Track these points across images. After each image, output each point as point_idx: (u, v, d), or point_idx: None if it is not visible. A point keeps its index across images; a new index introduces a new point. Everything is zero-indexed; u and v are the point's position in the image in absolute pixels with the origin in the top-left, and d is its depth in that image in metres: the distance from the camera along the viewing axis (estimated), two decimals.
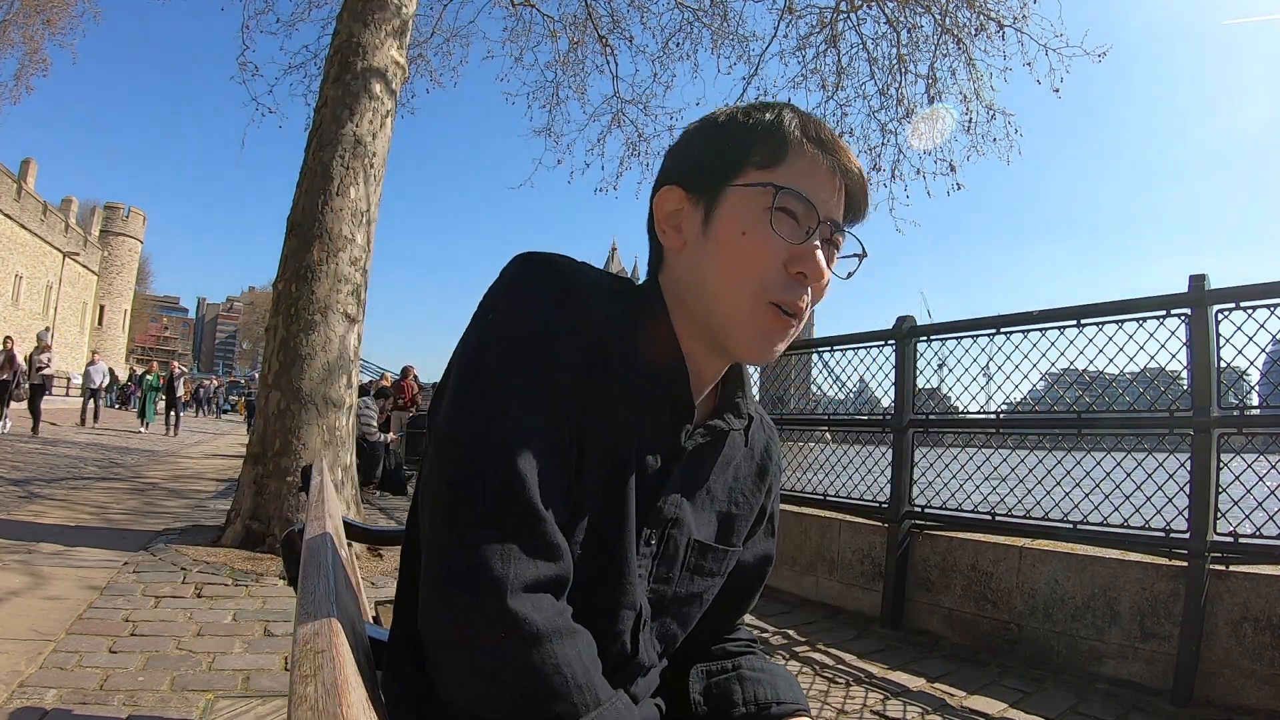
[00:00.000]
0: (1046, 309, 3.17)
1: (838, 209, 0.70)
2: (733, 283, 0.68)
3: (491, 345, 0.63)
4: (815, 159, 0.69)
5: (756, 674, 0.82)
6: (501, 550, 0.56)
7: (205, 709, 2.12)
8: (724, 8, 8.22)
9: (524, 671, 0.54)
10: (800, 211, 0.67)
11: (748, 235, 0.67)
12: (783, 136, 0.69)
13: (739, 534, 0.81)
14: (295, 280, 4.36)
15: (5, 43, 10.68)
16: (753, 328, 0.68)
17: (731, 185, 0.69)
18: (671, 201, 0.73)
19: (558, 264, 0.68)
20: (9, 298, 32.43)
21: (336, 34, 4.83)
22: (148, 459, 9.71)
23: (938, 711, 2.45)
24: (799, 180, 0.68)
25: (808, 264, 0.67)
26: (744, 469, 0.81)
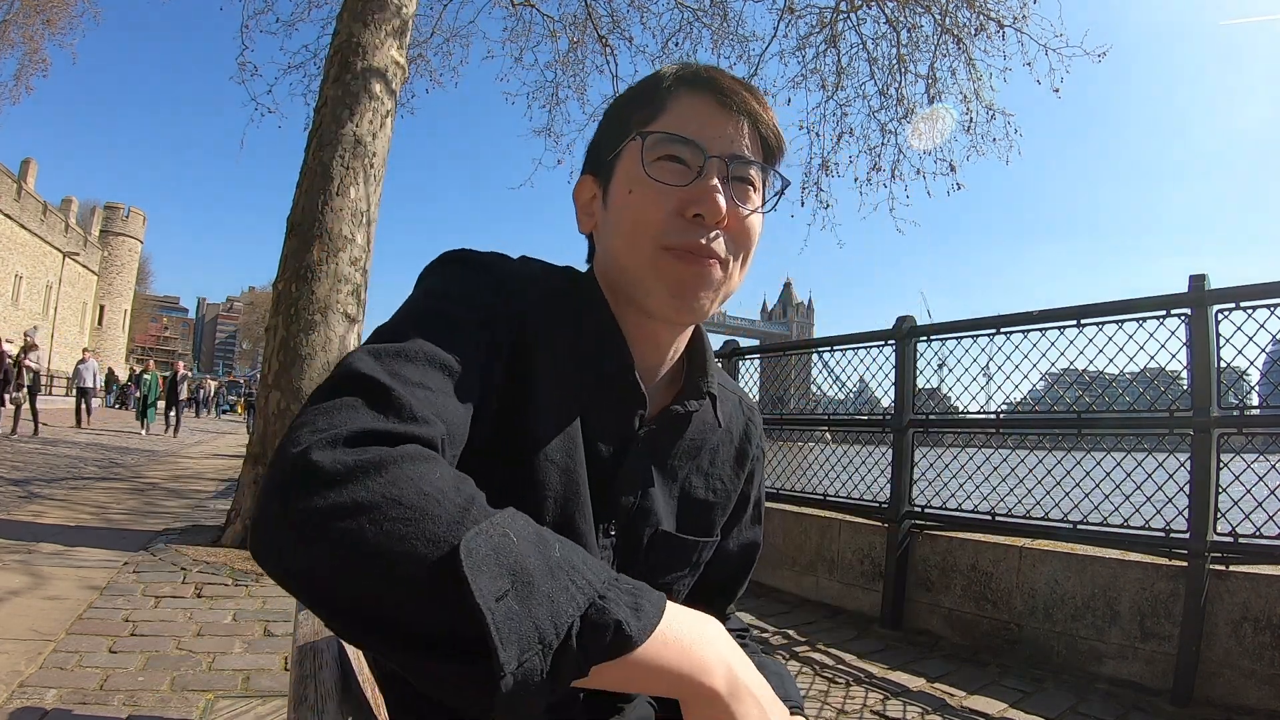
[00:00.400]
0: (1046, 309, 3.17)
1: (739, 143, 0.67)
2: (629, 240, 0.66)
3: (412, 313, 0.60)
4: (697, 100, 0.67)
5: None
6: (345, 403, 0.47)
7: (205, 709, 2.12)
8: (724, 8, 8.23)
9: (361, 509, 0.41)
10: (686, 154, 0.65)
11: (634, 191, 0.66)
12: (656, 89, 0.68)
13: (716, 522, 0.78)
14: (295, 280, 4.36)
15: (5, 43, 10.68)
16: (658, 279, 0.65)
17: (620, 147, 0.68)
18: (585, 190, 0.73)
19: (482, 257, 0.67)
20: (9, 298, 32.42)
21: (336, 34, 4.83)
22: (148, 459, 9.71)
23: (938, 711, 2.45)
24: (679, 124, 0.66)
25: (703, 204, 0.64)
26: (722, 453, 0.78)
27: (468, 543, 0.40)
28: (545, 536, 0.45)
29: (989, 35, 7.13)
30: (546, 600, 0.41)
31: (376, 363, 0.52)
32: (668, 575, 0.74)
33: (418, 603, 0.40)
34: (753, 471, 0.82)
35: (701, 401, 0.73)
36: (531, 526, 0.45)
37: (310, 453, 0.43)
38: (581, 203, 0.74)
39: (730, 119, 0.67)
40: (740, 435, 0.81)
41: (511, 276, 0.66)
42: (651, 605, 0.45)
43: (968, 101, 7.50)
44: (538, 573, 0.42)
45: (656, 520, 0.71)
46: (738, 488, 0.80)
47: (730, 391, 0.82)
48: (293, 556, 0.42)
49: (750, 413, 0.84)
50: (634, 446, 0.69)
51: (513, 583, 0.40)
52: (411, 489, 0.42)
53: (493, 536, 0.42)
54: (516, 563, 0.41)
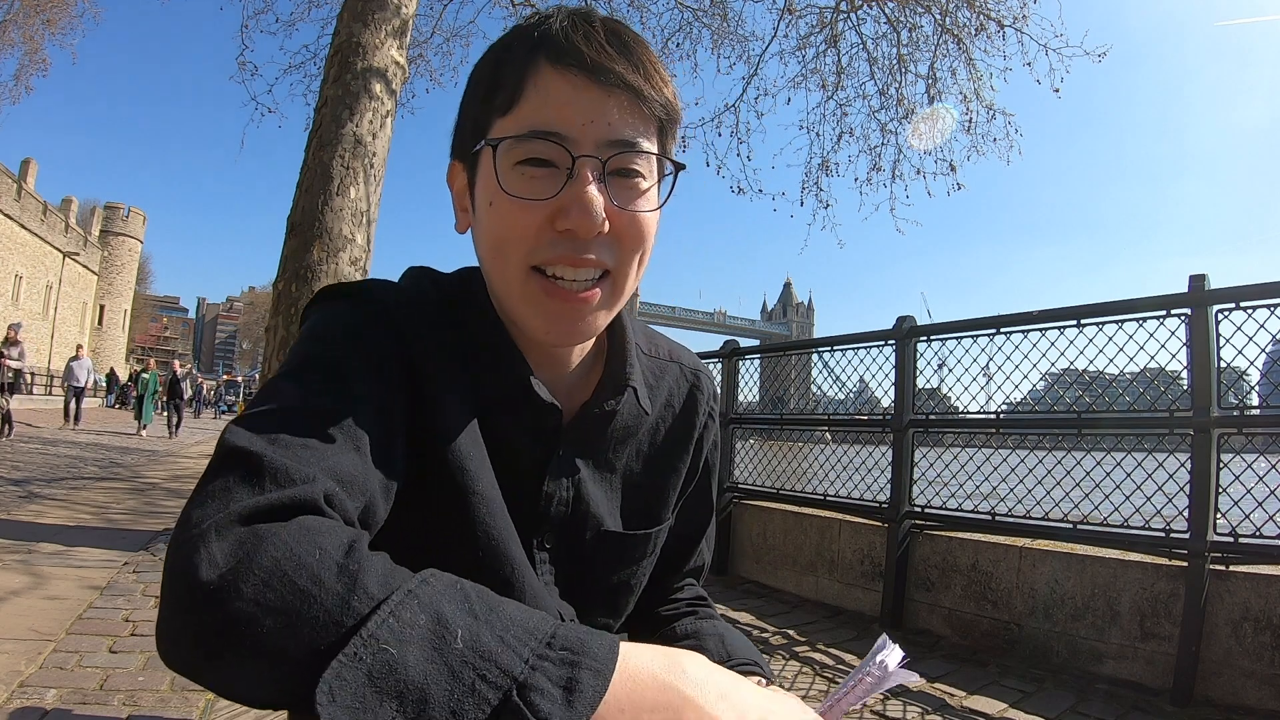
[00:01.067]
0: (1046, 309, 3.17)
1: (619, 125, 0.55)
2: (494, 260, 0.58)
3: (294, 365, 0.55)
4: (561, 76, 0.55)
5: (680, 643, 0.73)
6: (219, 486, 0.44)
7: (205, 709, 2.12)
8: (724, 8, 8.23)
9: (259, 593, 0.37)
10: (550, 153, 0.55)
11: (494, 205, 0.56)
12: (519, 64, 0.56)
13: (666, 504, 0.74)
14: (295, 280, 4.35)
15: (5, 43, 10.69)
16: (530, 307, 0.58)
17: (480, 147, 0.58)
18: (456, 178, 0.64)
19: (361, 289, 0.61)
20: (9, 298, 32.44)
21: (336, 34, 4.83)
22: (148, 459, 9.71)
23: (938, 711, 2.45)
24: (542, 113, 0.55)
25: (572, 216, 0.54)
26: (662, 432, 0.72)
27: (327, 683, 0.34)
28: (445, 619, 0.38)
29: (989, 35, 7.15)
30: (448, 714, 0.35)
31: (251, 433, 0.47)
32: (623, 571, 0.71)
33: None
34: (701, 439, 0.76)
35: (622, 398, 0.67)
36: (426, 612, 0.38)
37: (181, 563, 0.39)
38: (455, 193, 0.64)
39: (606, 96, 0.55)
40: (683, 405, 0.74)
41: (394, 305, 0.60)
42: (594, 676, 0.37)
43: (968, 101, 7.52)
44: (432, 682, 0.35)
45: (598, 521, 0.67)
46: (685, 463, 0.75)
47: (668, 361, 0.75)
48: (182, 665, 0.39)
49: (694, 378, 0.77)
50: (556, 454, 0.64)
51: (399, 707, 0.34)
52: (286, 589, 0.37)
53: (363, 659, 0.35)
54: (400, 682, 0.35)
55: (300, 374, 0.53)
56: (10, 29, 10.64)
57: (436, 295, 0.64)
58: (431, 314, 0.62)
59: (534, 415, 0.63)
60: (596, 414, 0.66)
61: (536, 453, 0.64)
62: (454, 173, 0.64)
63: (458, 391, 0.60)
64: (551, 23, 0.57)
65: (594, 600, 0.69)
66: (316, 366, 0.54)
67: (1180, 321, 2.73)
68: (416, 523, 0.58)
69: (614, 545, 0.69)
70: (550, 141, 0.54)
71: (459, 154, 0.63)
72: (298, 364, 0.55)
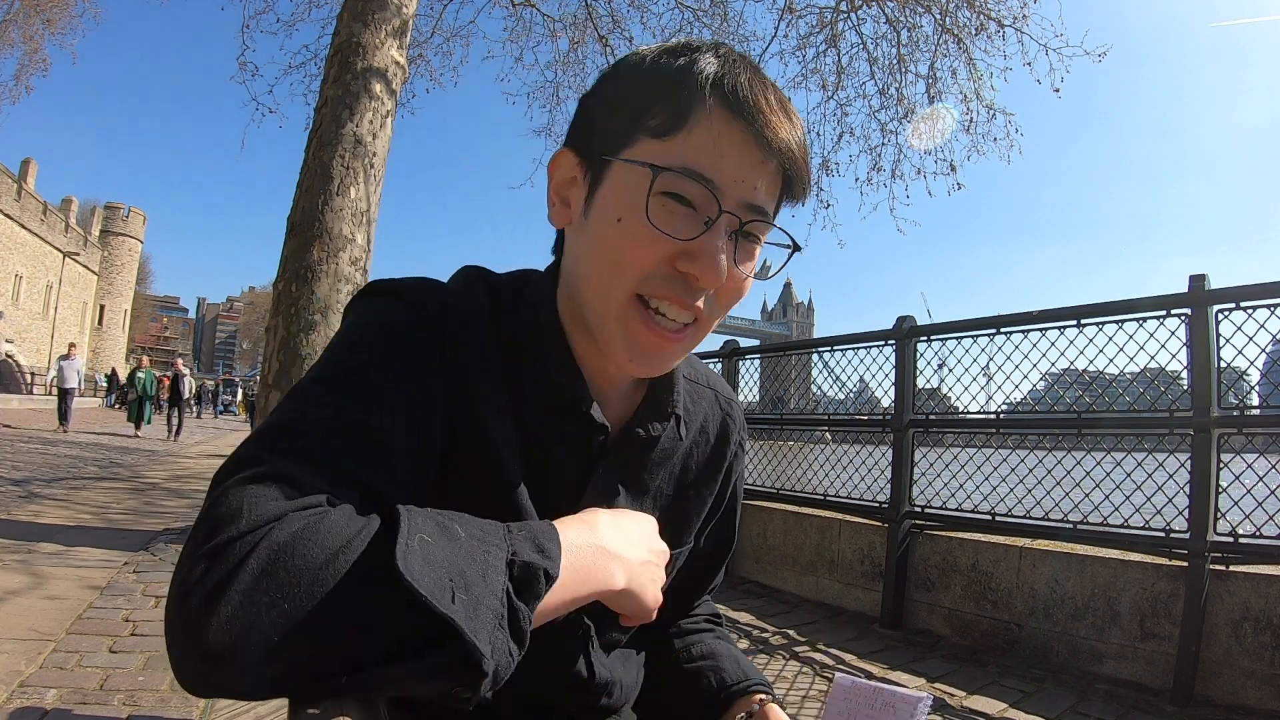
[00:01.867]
0: (1046, 309, 3.17)
1: (762, 191, 0.56)
2: (601, 279, 0.57)
3: (340, 356, 0.55)
4: (728, 126, 0.54)
5: (697, 663, 0.78)
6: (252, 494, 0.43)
7: (205, 709, 2.12)
8: (724, 8, 8.23)
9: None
10: (698, 198, 0.54)
11: (624, 223, 0.55)
12: (687, 96, 0.55)
13: (690, 528, 0.75)
14: (295, 280, 4.35)
15: (5, 43, 10.69)
16: (621, 333, 0.58)
17: (617, 158, 0.56)
18: (565, 167, 0.62)
19: (402, 285, 0.60)
20: (9, 298, 32.43)
21: (336, 34, 4.83)
22: (148, 459, 9.71)
23: (938, 711, 2.45)
24: (700, 155, 0.54)
25: (699, 264, 0.54)
26: (696, 457, 0.74)
27: (403, 560, 0.39)
28: (445, 524, 0.45)
29: (989, 35, 7.15)
30: (481, 581, 0.42)
31: (282, 444, 0.47)
32: None
33: (370, 632, 0.40)
34: (730, 468, 0.78)
35: (665, 424, 0.68)
36: (431, 520, 0.44)
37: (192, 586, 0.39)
38: (556, 181, 0.62)
39: (764, 162, 0.56)
40: (717, 434, 0.76)
41: (438, 309, 0.58)
42: (550, 540, 0.48)
43: (968, 101, 7.52)
44: (464, 561, 0.42)
45: None
46: (714, 490, 0.77)
47: (705, 387, 0.77)
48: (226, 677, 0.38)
49: (728, 406, 0.79)
50: (597, 471, 0.65)
51: (450, 579, 0.41)
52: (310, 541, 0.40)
53: (413, 546, 0.41)
54: (444, 560, 0.41)
55: (336, 382, 0.53)
56: (10, 29, 10.64)
57: (487, 299, 0.63)
58: (479, 319, 0.61)
59: (581, 431, 0.63)
60: (639, 436, 0.67)
61: (577, 468, 0.64)
62: (563, 162, 0.62)
63: (500, 400, 0.60)
64: (731, 69, 0.56)
65: (611, 615, 0.70)
66: (353, 375, 0.53)
67: (1180, 321, 2.73)
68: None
69: None
70: (702, 186, 0.54)
71: (580, 149, 0.61)
72: (334, 369, 0.54)
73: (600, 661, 0.69)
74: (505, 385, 0.60)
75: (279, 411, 0.52)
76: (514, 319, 0.63)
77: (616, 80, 0.60)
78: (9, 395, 24.83)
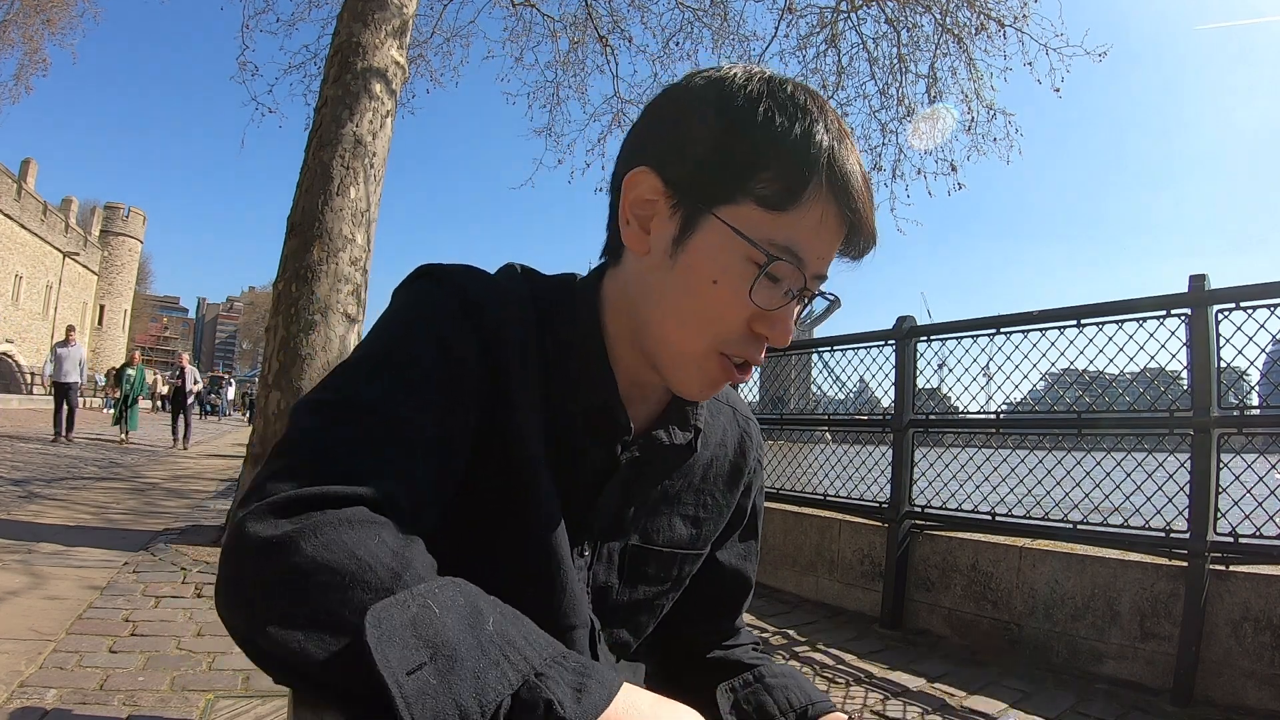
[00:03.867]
0: (1046, 309, 3.16)
1: (829, 260, 0.60)
2: (688, 328, 0.60)
3: (383, 342, 0.58)
4: (832, 208, 0.57)
5: (781, 679, 0.79)
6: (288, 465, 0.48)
7: (205, 709, 2.12)
8: (724, 7, 8.23)
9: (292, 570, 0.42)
10: (789, 276, 0.57)
11: (720, 286, 0.57)
12: (805, 171, 0.55)
13: (703, 535, 0.76)
14: (295, 280, 4.35)
15: (5, 43, 10.70)
16: (698, 373, 0.62)
17: (720, 213, 0.57)
18: (645, 188, 0.60)
19: (453, 275, 0.62)
20: (9, 298, 32.46)
21: (336, 34, 4.83)
22: (148, 459, 9.71)
23: (938, 711, 2.45)
24: (803, 237, 0.57)
25: (776, 331, 0.59)
26: (715, 469, 0.76)
27: (376, 613, 0.39)
28: (480, 608, 0.42)
29: (989, 35, 7.14)
30: (471, 677, 0.38)
31: (320, 420, 0.51)
32: (646, 590, 0.73)
33: (340, 672, 0.40)
34: (749, 484, 0.80)
35: (686, 433, 0.70)
36: (465, 597, 0.42)
37: (247, 524, 0.44)
38: (633, 200, 0.61)
39: (839, 231, 0.59)
40: (735, 449, 0.78)
41: (487, 301, 0.60)
42: (601, 687, 0.41)
43: (968, 101, 7.51)
44: (463, 646, 0.39)
45: (630, 536, 0.70)
46: (731, 503, 0.78)
47: (724, 403, 0.79)
48: (237, 616, 0.45)
49: (746, 423, 0.81)
50: (617, 471, 0.67)
51: (431, 656, 0.38)
52: (343, 554, 0.42)
53: (409, 607, 0.40)
54: (438, 635, 0.39)
55: (380, 368, 0.55)
56: (10, 29, 10.65)
57: (530, 296, 0.65)
58: (524, 314, 0.63)
59: (605, 432, 0.65)
60: (660, 441, 0.68)
61: (598, 465, 0.66)
62: (645, 185, 0.60)
63: (535, 394, 0.62)
64: (841, 145, 0.57)
65: (617, 614, 0.72)
66: (398, 363, 0.55)
67: (1180, 321, 2.73)
68: (477, 515, 0.60)
69: (641, 560, 0.71)
70: (795, 265, 0.57)
71: (670, 179, 0.59)
72: (380, 353, 0.56)
73: (605, 659, 0.70)
74: (538, 381, 0.62)
75: (332, 385, 0.55)
76: (553, 316, 0.65)
77: (722, 116, 0.58)
78: (9, 395, 24.83)
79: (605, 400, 0.64)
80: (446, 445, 0.55)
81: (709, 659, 0.83)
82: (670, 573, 0.74)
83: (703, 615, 0.82)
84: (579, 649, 0.66)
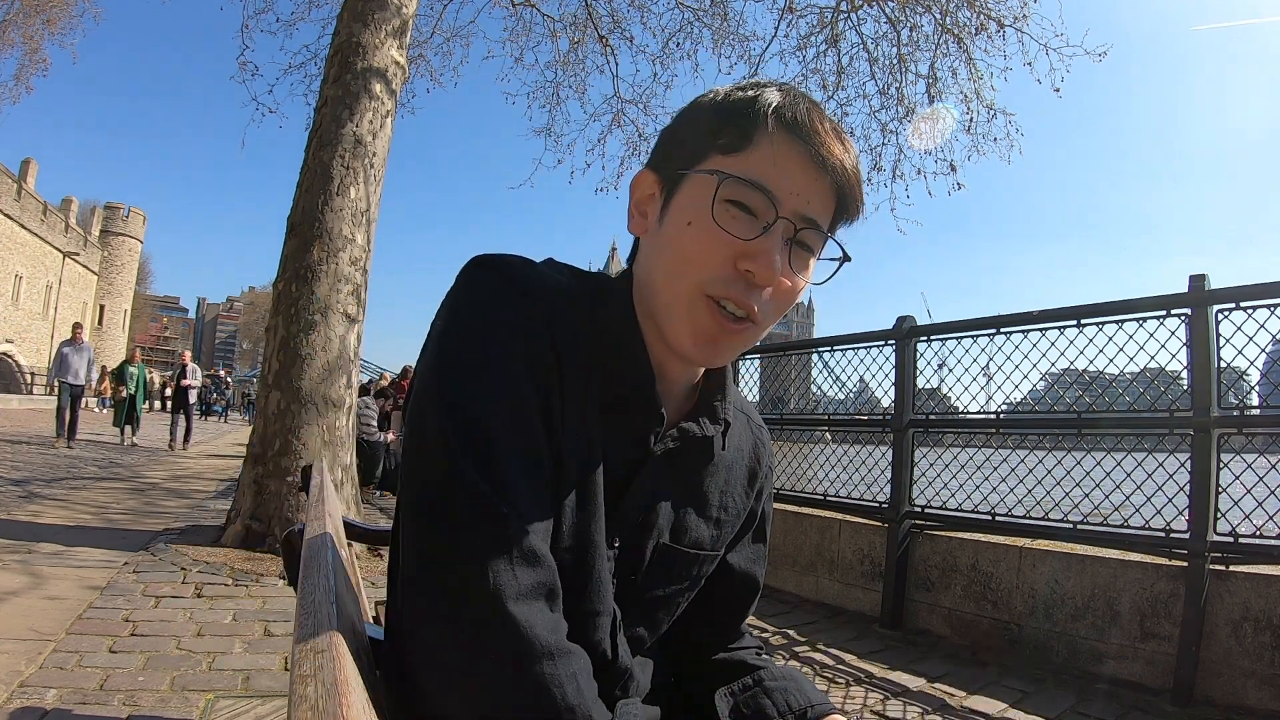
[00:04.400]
0: (1046, 309, 3.17)
1: (815, 205, 0.64)
2: (672, 274, 0.64)
3: (454, 347, 0.61)
4: (788, 146, 0.62)
5: (781, 682, 0.80)
6: (491, 557, 0.54)
7: (205, 709, 2.12)
8: (724, 8, 8.22)
9: (516, 686, 0.52)
10: (757, 204, 0.62)
11: (693, 226, 0.63)
12: (753, 119, 0.63)
13: (721, 538, 0.78)
14: (295, 280, 4.35)
15: (5, 43, 10.69)
16: (689, 323, 0.64)
17: (691, 171, 0.65)
18: (645, 185, 0.70)
19: (512, 265, 0.65)
20: (9, 298, 32.45)
21: (336, 34, 4.83)
22: (148, 459, 9.71)
23: (938, 711, 2.45)
24: (761, 169, 0.62)
25: (757, 262, 0.61)
26: (735, 472, 0.79)
27: None
28: None
29: (989, 35, 7.13)
30: None
31: (483, 479, 0.55)
32: (667, 588, 0.74)
33: None
34: (761, 488, 0.83)
35: (717, 426, 0.73)
36: None
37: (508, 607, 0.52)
38: (637, 198, 0.71)
39: (815, 176, 0.63)
40: (751, 453, 0.81)
41: (548, 296, 0.64)
42: None
43: (968, 101, 7.50)
44: None
45: (660, 533, 0.71)
46: (747, 506, 0.81)
47: (740, 411, 0.81)
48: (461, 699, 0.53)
49: (759, 431, 0.84)
50: (648, 461, 0.69)
51: None
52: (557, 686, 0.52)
53: None
54: None
55: (480, 376, 0.59)
56: (10, 29, 10.63)
57: (579, 289, 0.68)
58: (576, 306, 0.66)
59: (641, 419, 0.68)
60: (691, 432, 0.71)
61: (630, 456, 0.68)
62: (644, 181, 0.70)
63: (586, 387, 0.65)
64: (792, 99, 0.64)
65: (637, 609, 0.72)
66: (492, 373, 0.60)
67: (1180, 321, 2.73)
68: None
69: (668, 559, 0.73)
70: (762, 194, 0.62)
71: (659, 169, 0.69)
72: (475, 364, 0.60)
73: (624, 649, 0.71)
74: (592, 372, 0.66)
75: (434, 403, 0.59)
76: (599, 310, 0.69)
77: (693, 111, 0.69)
78: (9, 395, 24.81)
79: (644, 380, 0.67)
80: (547, 462, 0.60)
81: (714, 660, 0.84)
82: (691, 572, 0.76)
83: (710, 617, 0.83)
84: (600, 635, 0.67)
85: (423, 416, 0.60)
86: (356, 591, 1.00)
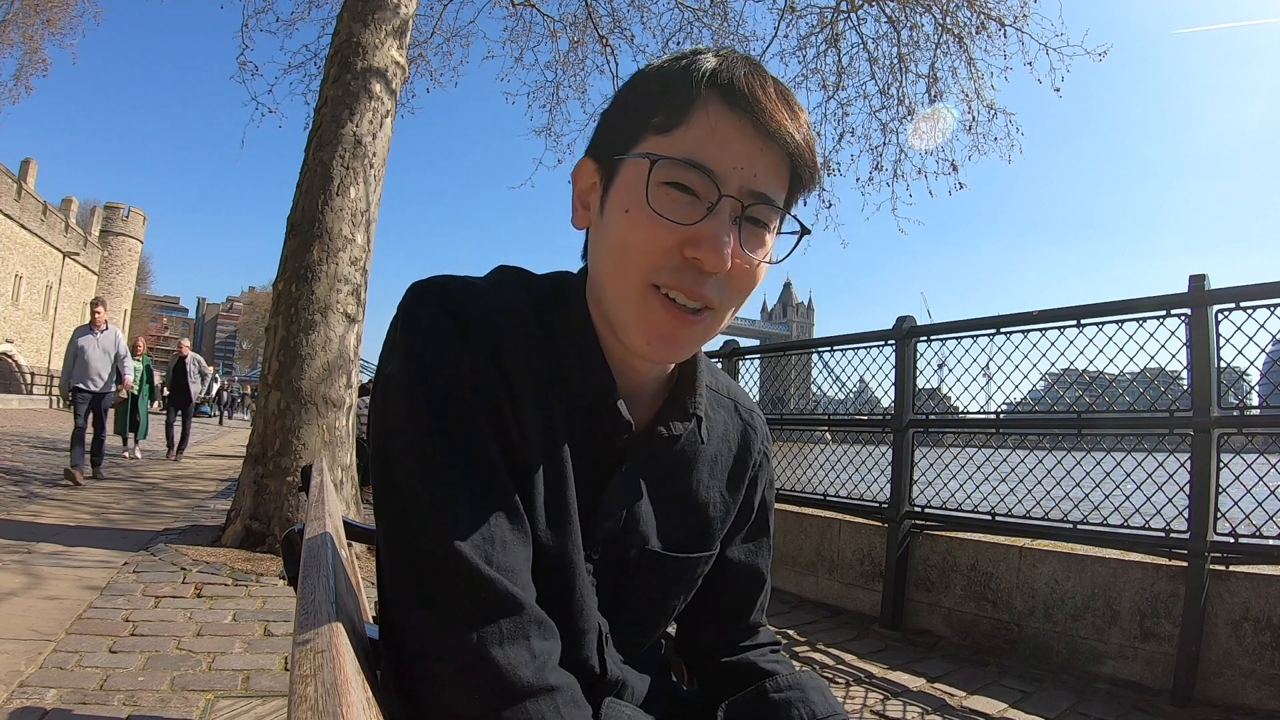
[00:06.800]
0: (1046, 309, 3.16)
1: (764, 177, 0.58)
2: (616, 269, 0.60)
3: (401, 395, 0.58)
4: (727, 116, 0.57)
5: (786, 693, 0.75)
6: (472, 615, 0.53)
7: (205, 709, 2.12)
8: (724, 8, 8.23)
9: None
10: (698, 184, 0.57)
11: (630, 214, 0.58)
12: (687, 92, 0.58)
13: (713, 535, 0.75)
14: (295, 280, 4.35)
15: (5, 43, 10.69)
16: (640, 321, 0.60)
17: (627, 155, 0.60)
18: (585, 175, 0.65)
19: (449, 293, 0.61)
20: (9, 297, 32.43)
21: (336, 34, 4.83)
22: (148, 459, 9.70)
23: (938, 711, 2.45)
24: (699, 145, 0.57)
25: (703, 248, 0.56)
26: (720, 464, 0.75)
27: None
28: None
29: (990, 35, 7.13)
30: None
31: (477, 553, 0.54)
32: (657, 592, 0.72)
33: None
34: (755, 478, 0.79)
35: (687, 425, 0.69)
36: None
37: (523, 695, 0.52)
38: (579, 189, 0.66)
39: (761, 146, 0.58)
40: (738, 443, 0.77)
41: (485, 317, 0.60)
42: None
43: (968, 101, 7.50)
44: None
45: (643, 540, 0.69)
46: (737, 499, 0.77)
47: (725, 396, 0.78)
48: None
49: (750, 416, 0.79)
50: (619, 469, 0.66)
51: None
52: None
53: None
54: None
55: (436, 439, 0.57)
56: (10, 29, 10.64)
57: (529, 300, 0.65)
58: (524, 322, 0.63)
59: (607, 429, 0.65)
60: (660, 436, 0.68)
61: (601, 465, 0.65)
62: (584, 171, 0.65)
63: (541, 401, 0.62)
64: (728, 65, 0.59)
65: (629, 616, 0.71)
66: (447, 430, 0.57)
67: (1180, 321, 2.73)
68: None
69: (657, 565, 0.70)
70: (701, 173, 0.56)
71: (596, 155, 0.64)
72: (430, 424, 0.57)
73: (613, 660, 0.69)
74: (546, 386, 0.62)
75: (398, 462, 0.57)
76: (554, 319, 0.65)
77: (628, 90, 0.64)
78: (9, 395, 24.80)
79: (601, 390, 0.64)
80: (514, 496, 0.59)
81: (723, 664, 0.80)
82: (681, 574, 0.73)
83: (715, 616, 0.80)
84: (586, 652, 0.65)
85: (389, 470, 0.58)
86: (356, 591, 1.00)
